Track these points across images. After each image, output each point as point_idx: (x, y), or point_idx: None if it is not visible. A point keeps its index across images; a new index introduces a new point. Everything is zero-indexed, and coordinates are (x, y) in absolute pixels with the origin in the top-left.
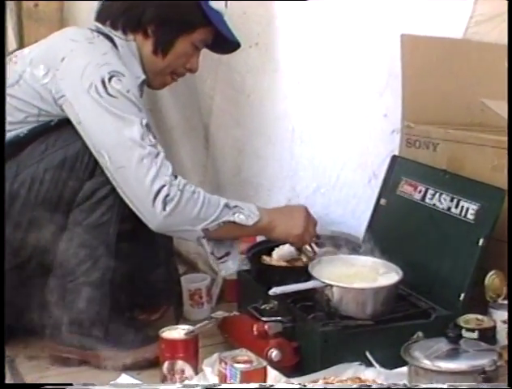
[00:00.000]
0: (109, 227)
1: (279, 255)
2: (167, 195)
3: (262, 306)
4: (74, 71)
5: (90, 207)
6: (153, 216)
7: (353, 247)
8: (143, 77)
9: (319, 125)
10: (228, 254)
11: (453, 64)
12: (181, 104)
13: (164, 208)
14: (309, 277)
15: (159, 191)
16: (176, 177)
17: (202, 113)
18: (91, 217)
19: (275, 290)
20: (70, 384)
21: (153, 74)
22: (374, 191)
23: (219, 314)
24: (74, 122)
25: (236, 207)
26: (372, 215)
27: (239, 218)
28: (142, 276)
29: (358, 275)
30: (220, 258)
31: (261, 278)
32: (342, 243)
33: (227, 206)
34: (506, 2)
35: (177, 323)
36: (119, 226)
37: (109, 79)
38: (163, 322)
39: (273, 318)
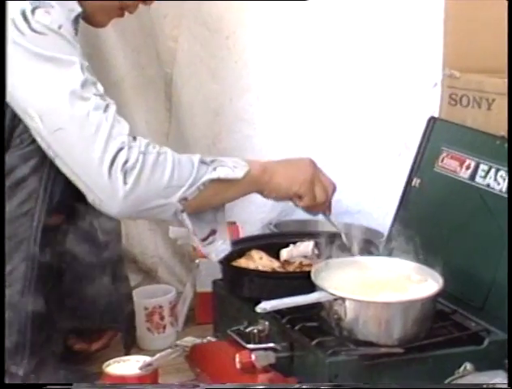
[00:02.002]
0: (32, 219)
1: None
2: (126, 162)
3: (248, 329)
4: None
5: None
6: (112, 195)
7: (375, 245)
8: (79, 10)
9: (328, 77)
10: (213, 232)
11: None
12: (133, 47)
13: (125, 181)
14: (313, 287)
15: (115, 157)
16: (134, 137)
17: (162, 60)
18: (6, 206)
19: (265, 306)
20: (70, 384)
21: (93, 8)
22: (405, 168)
23: (188, 340)
24: None
25: (214, 161)
26: (401, 200)
27: (223, 172)
28: (79, 289)
29: (381, 285)
30: (205, 239)
31: (244, 289)
32: (359, 240)
33: (203, 162)
34: None
35: (127, 354)
36: (46, 218)
37: (32, 12)
38: (108, 352)
39: (263, 346)
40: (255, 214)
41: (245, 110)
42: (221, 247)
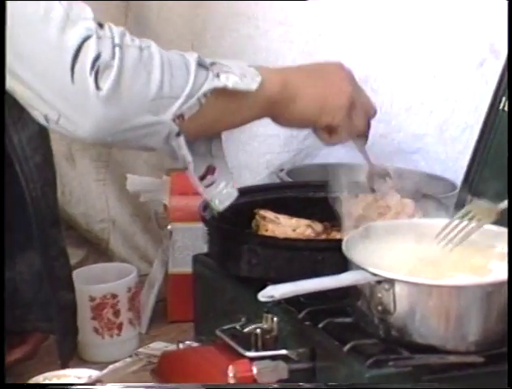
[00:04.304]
0: None
1: None
2: (97, 57)
3: (247, 328)
4: None
5: None
6: (80, 105)
7: (440, 202)
8: None
9: None
10: (211, 170)
11: None
12: None
13: (97, 84)
14: (345, 264)
15: (79, 49)
16: (100, 24)
17: None
18: None
19: (273, 292)
20: (72, 384)
21: None
22: (490, 83)
23: (156, 346)
24: None
25: (214, 64)
26: (482, 132)
27: (231, 81)
28: None
29: (450, 260)
30: (202, 178)
31: (241, 266)
32: (419, 194)
33: (201, 65)
34: None
35: (64, 366)
36: None
37: None
38: (36, 364)
39: (269, 353)
40: (258, 154)
41: None
42: (225, 191)
